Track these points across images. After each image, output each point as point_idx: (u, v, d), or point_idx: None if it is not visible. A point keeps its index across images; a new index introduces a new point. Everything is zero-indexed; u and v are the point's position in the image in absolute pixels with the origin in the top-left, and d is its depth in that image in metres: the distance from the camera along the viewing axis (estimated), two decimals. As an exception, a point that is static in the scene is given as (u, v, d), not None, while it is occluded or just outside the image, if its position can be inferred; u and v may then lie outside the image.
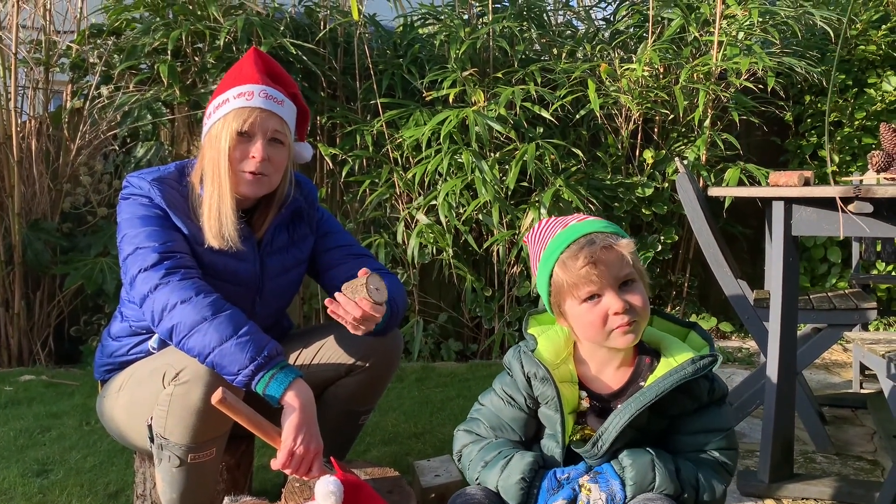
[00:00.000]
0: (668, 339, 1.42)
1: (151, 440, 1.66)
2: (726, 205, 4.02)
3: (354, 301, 1.66)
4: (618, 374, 1.42)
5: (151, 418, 1.65)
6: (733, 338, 4.49)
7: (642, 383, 1.39)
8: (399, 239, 3.93)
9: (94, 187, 4.04)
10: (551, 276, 1.37)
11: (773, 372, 2.18)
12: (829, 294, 2.72)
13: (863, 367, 3.27)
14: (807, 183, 2.21)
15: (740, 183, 3.93)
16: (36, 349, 3.85)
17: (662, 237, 4.13)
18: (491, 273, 4.09)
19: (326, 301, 1.68)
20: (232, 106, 1.68)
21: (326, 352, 1.90)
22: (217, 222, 1.70)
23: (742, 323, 4.51)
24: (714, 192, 2.38)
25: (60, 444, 2.55)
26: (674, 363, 1.35)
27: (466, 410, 2.94)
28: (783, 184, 2.23)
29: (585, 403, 1.43)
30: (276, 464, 1.52)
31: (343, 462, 1.64)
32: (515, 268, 4.00)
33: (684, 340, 1.44)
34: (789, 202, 2.13)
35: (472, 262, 4.08)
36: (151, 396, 1.64)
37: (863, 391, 3.21)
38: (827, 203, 2.08)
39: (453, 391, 3.25)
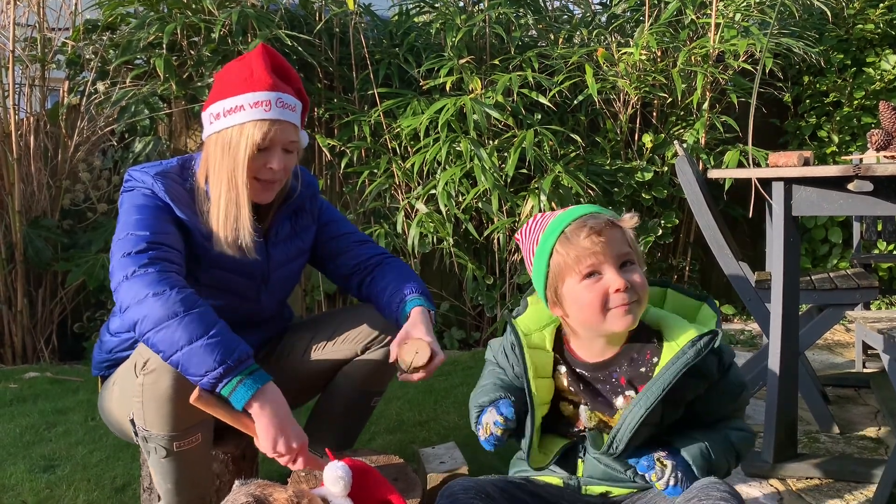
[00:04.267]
0: (670, 319, 1.40)
1: (136, 434, 1.66)
2: (726, 187, 4.01)
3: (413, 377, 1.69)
4: (608, 347, 1.41)
5: (133, 412, 1.65)
6: (735, 320, 4.49)
7: (641, 366, 1.38)
8: (399, 229, 3.93)
9: (94, 183, 4.04)
10: (551, 255, 1.36)
11: (775, 353, 2.18)
12: (831, 274, 2.72)
13: (865, 347, 3.28)
14: (806, 163, 2.21)
15: (740, 165, 3.92)
16: (40, 346, 3.86)
17: (663, 221, 4.13)
18: (492, 261, 4.09)
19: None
20: (249, 116, 1.66)
21: (342, 332, 1.91)
22: (234, 232, 1.69)
23: (744, 305, 4.53)
24: (714, 174, 2.37)
25: (66, 440, 2.56)
26: (676, 347, 1.34)
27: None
28: (783, 164, 2.23)
29: (564, 379, 1.43)
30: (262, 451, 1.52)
31: (348, 451, 1.64)
32: (516, 255, 4.00)
33: (696, 314, 1.43)
34: (789, 182, 2.12)
35: (472, 251, 4.08)
36: (131, 388, 1.63)
37: (865, 370, 3.22)
38: (827, 183, 2.08)
39: (457, 379, 3.26)
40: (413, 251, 3.86)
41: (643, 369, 1.37)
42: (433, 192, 3.84)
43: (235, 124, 1.67)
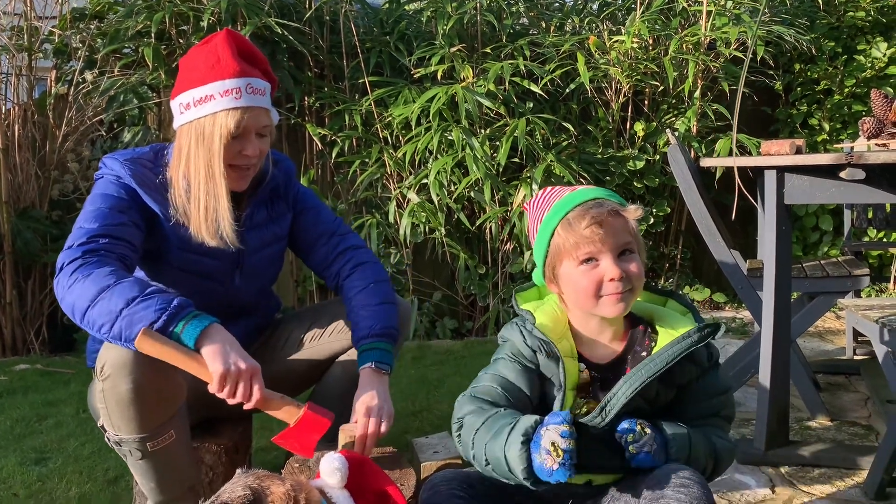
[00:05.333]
0: (659, 310, 1.43)
1: (109, 440, 1.65)
2: (717, 175, 4.02)
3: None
4: (613, 344, 1.42)
5: (101, 418, 1.63)
6: (726, 308, 4.51)
7: (641, 352, 1.39)
8: (391, 219, 3.91)
9: (83, 174, 4.00)
10: (552, 235, 1.36)
11: (767, 341, 2.19)
12: (822, 262, 2.73)
13: (856, 334, 3.29)
14: (798, 151, 2.21)
15: (731, 154, 3.92)
16: (30, 338, 3.83)
17: (654, 210, 4.13)
18: (484, 250, 4.08)
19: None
20: (220, 105, 1.64)
21: (339, 324, 1.90)
22: (214, 223, 1.68)
23: (735, 293, 4.54)
24: (706, 162, 2.37)
25: (58, 432, 2.55)
26: (674, 333, 1.36)
27: (463, 388, 2.92)
28: (775, 152, 2.23)
29: (585, 376, 1.42)
30: (212, 388, 1.51)
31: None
32: (508, 244, 4.00)
33: (665, 306, 1.46)
34: (781, 171, 2.12)
35: (464, 240, 4.07)
36: (96, 394, 1.62)
37: (856, 357, 3.24)
38: (819, 171, 2.09)
39: (450, 369, 3.26)
40: (405, 241, 3.85)
41: (644, 354, 1.40)
42: (425, 181, 3.83)
43: (207, 114, 1.66)
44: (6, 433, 2.56)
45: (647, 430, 1.30)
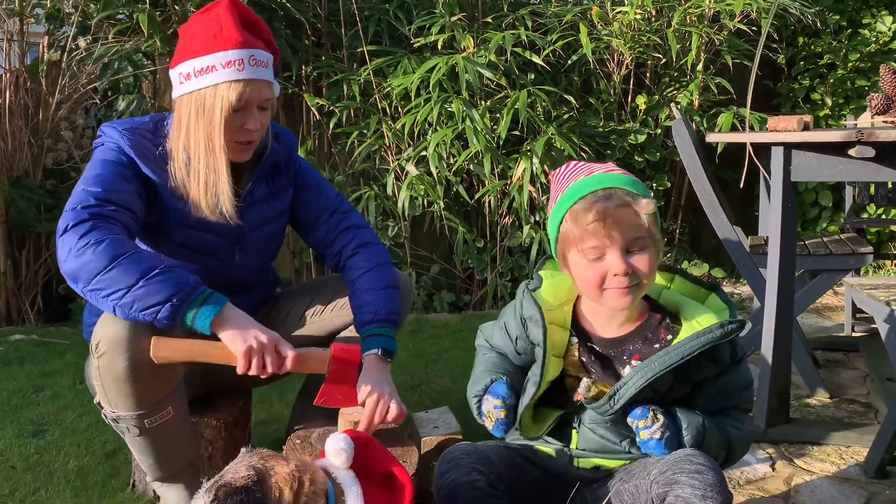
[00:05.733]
0: (687, 303, 1.40)
1: (106, 417, 1.63)
2: (719, 150, 3.98)
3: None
4: (623, 326, 1.40)
5: (97, 395, 1.62)
6: (725, 283, 4.50)
7: (654, 343, 1.37)
8: (389, 191, 3.88)
9: (77, 142, 3.94)
10: (561, 222, 1.35)
11: (770, 319, 2.18)
12: (825, 239, 2.72)
13: (854, 311, 3.29)
14: (806, 128, 2.18)
15: (733, 128, 3.89)
16: (24, 308, 3.81)
17: (654, 184, 4.10)
18: (483, 224, 4.06)
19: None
20: (222, 77, 1.60)
21: (341, 298, 1.88)
22: (214, 198, 1.65)
23: (733, 268, 4.54)
24: (711, 138, 2.34)
25: (55, 404, 2.53)
26: (697, 326, 1.33)
27: (461, 362, 2.96)
28: (782, 129, 2.20)
29: (575, 351, 1.42)
30: (240, 369, 1.50)
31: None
32: (507, 218, 3.97)
33: (704, 303, 1.42)
34: (789, 147, 2.10)
35: (463, 213, 4.04)
36: (92, 370, 1.59)
37: (854, 334, 3.24)
38: (827, 148, 2.06)
39: (448, 342, 3.25)
40: (403, 214, 3.82)
41: (657, 345, 1.37)
42: (424, 153, 3.79)
43: (208, 86, 1.61)
44: (3, 405, 2.54)
45: (660, 417, 1.29)
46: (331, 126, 4.00)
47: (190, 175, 1.65)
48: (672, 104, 2.78)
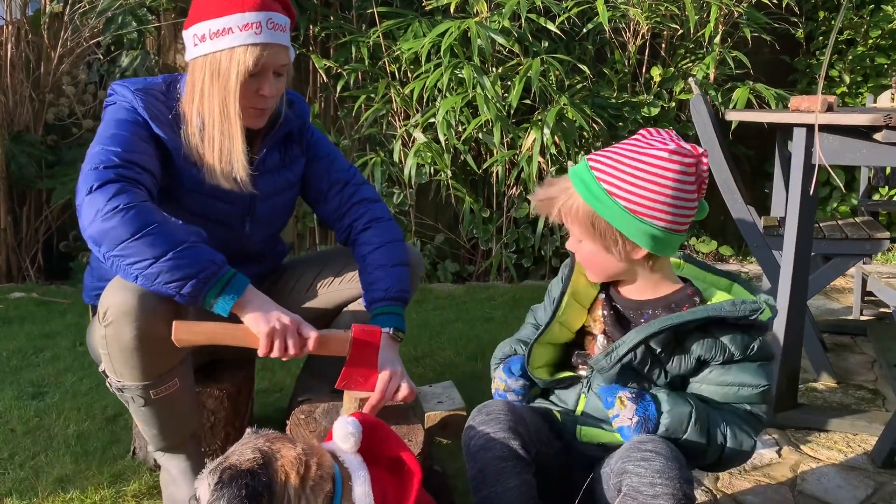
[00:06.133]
0: (721, 293, 1.38)
1: (111, 386, 1.60)
2: (733, 126, 3.91)
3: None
4: (653, 291, 1.40)
5: (103, 364, 1.58)
6: (731, 261, 4.46)
7: (673, 305, 1.37)
8: (396, 158, 3.81)
9: (79, 98, 3.87)
10: None
11: (783, 305, 2.14)
12: (840, 222, 2.67)
13: (864, 293, 3.25)
14: (830, 108, 2.11)
15: (748, 104, 3.81)
16: (25, 265, 3.77)
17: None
18: (489, 193, 4.00)
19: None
20: (239, 40, 1.53)
21: (351, 270, 1.84)
22: (228, 165, 1.60)
23: (741, 246, 4.49)
24: (732, 116, 2.28)
25: (55, 366, 2.51)
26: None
27: (465, 334, 2.94)
28: (805, 109, 2.14)
29: (599, 307, 1.45)
30: (261, 352, 1.47)
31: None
32: (515, 189, 3.92)
33: (729, 292, 1.41)
34: (812, 129, 2.04)
35: (469, 182, 3.98)
36: (98, 339, 1.56)
37: (863, 318, 3.20)
38: (851, 131, 2.00)
39: (452, 314, 3.22)
40: (409, 181, 3.76)
41: (674, 306, 1.37)
42: (432, 120, 3.72)
43: (224, 49, 1.55)
44: (2, 365, 2.52)
45: (627, 403, 1.28)
46: (338, 89, 3.92)
47: (204, 141, 1.60)
48: (690, 79, 2.70)
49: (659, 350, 1.32)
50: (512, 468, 1.31)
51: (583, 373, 1.46)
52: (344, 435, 1.16)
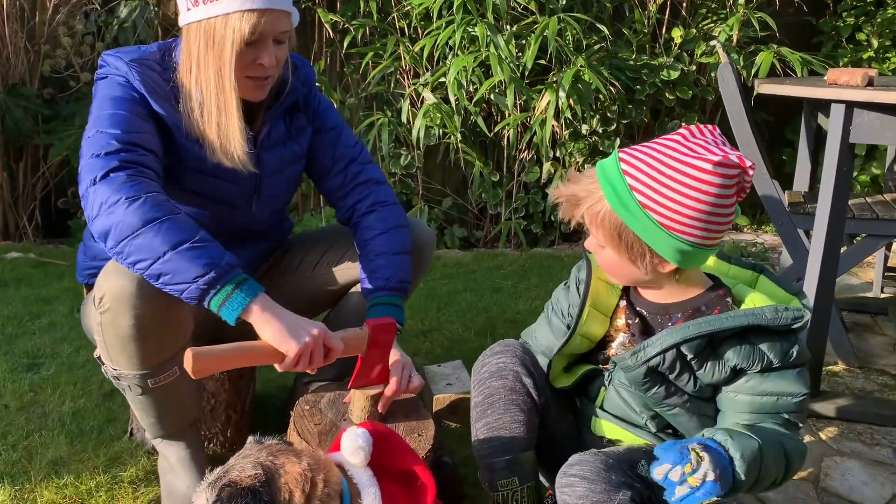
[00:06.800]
0: (756, 296, 1.27)
1: (106, 373, 1.52)
2: (755, 93, 3.75)
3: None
4: (679, 295, 1.30)
5: (98, 350, 1.50)
6: (746, 230, 4.35)
7: (703, 307, 1.28)
8: (403, 118, 3.67)
9: (76, 49, 3.72)
10: None
11: (810, 289, 2.04)
12: (869, 199, 2.55)
13: (885, 269, 3.15)
14: (870, 83, 1.99)
15: (772, 69, 3.65)
16: (22, 223, 3.67)
17: (684, 123, 3.89)
18: (499, 157, 3.87)
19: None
20: (235, 5, 1.40)
21: (355, 252, 1.74)
22: (227, 140, 1.48)
23: (755, 215, 4.37)
24: (764, 89, 2.14)
25: (51, 335, 2.43)
26: (752, 306, 1.23)
27: (474, 306, 2.85)
28: (843, 83, 2.01)
29: (622, 314, 1.36)
30: (284, 367, 1.35)
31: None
32: (526, 153, 3.79)
33: (754, 286, 1.31)
34: (851, 106, 1.91)
35: (479, 144, 3.85)
36: (93, 324, 1.47)
37: (883, 296, 3.11)
38: (893, 109, 1.87)
39: (459, 283, 3.13)
40: (417, 143, 3.64)
41: (704, 309, 1.28)
42: (442, 80, 3.57)
43: (219, 14, 1.41)
44: (-3, 332, 2.44)
45: (704, 455, 1.08)
46: (345, 45, 3.76)
47: (204, 115, 1.48)
48: (717, 43, 2.56)
49: (691, 356, 1.22)
50: (522, 402, 1.30)
51: (605, 367, 1.38)
52: (353, 449, 1.07)
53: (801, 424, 1.26)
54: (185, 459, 1.60)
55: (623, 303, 1.37)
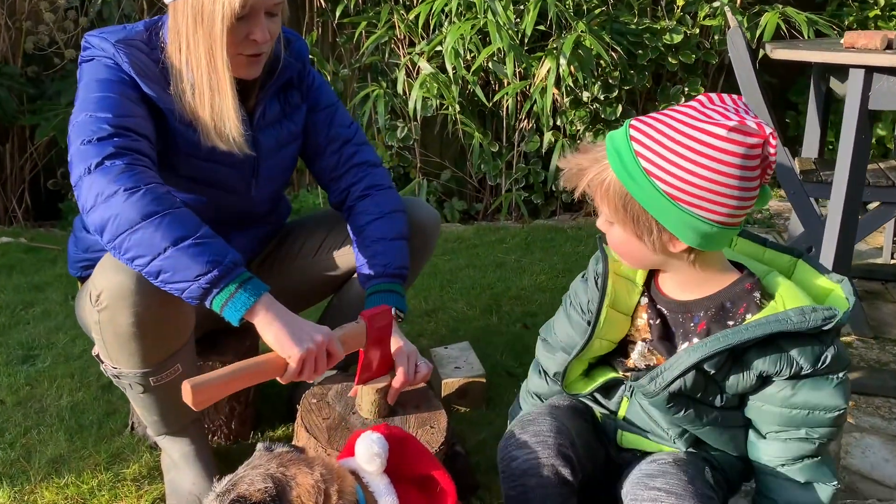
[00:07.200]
0: (790, 288, 1.15)
1: (105, 371, 1.46)
2: (759, 56, 3.65)
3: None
4: (703, 288, 1.19)
5: (96, 348, 1.44)
6: (749, 195, 4.28)
7: (727, 304, 1.16)
8: (399, 89, 3.57)
9: (59, 25, 3.59)
10: None
11: (827, 259, 1.99)
12: (882, 165, 2.48)
13: (895, 235, 3.09)
14: (889, 46, 1.91)
15: (777, 31, 3.55)
16: (11, 207, 3.59)
17: (686, 88, 3.80)
18: (498, 127, 3.78)
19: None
20: None
21: None
22: (221, 121, 1.40)
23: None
24: (778, 55, 2.06)
25: (45, 324, 2.36)
26: (778, 308, 1.11)
27: (478, 283, 2.79)
28: (861, 46, 1.93)
29: (643, 313, 1.25)
30: (288, 378, 1.29)
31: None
32: (525, 122, 3.70)
33: (825, 299, 1.16)
34: (870, 71, 1.83)
35: (477, 114, 3.75)
36: (90, 321, 1.41)
37: (894, 261, 3.05)
38: (915, 72, 1.80)
39: (462, 259, 3.06)
40: (414, 115, 3.54)
41: (731, 322, 1.15)
42: (439, 48, 3.46)
43: None
44: (-10, 323, 2.38)
45: None
46: (337, 14, 3.65)
47: (196, 96, 1.40)
48: (726, 8, 2.46)
49: (713, 371, 1.13)
50: (558, 494, 1.17)
51: (628, 374, 1.28)
52: (369, 456, 1.02)
53: (828, 440, 1.15)
54: (189, 456, 1.54)
55: (644, 300, 1.27)
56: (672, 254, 1.15)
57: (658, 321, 1.24)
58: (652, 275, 1.27)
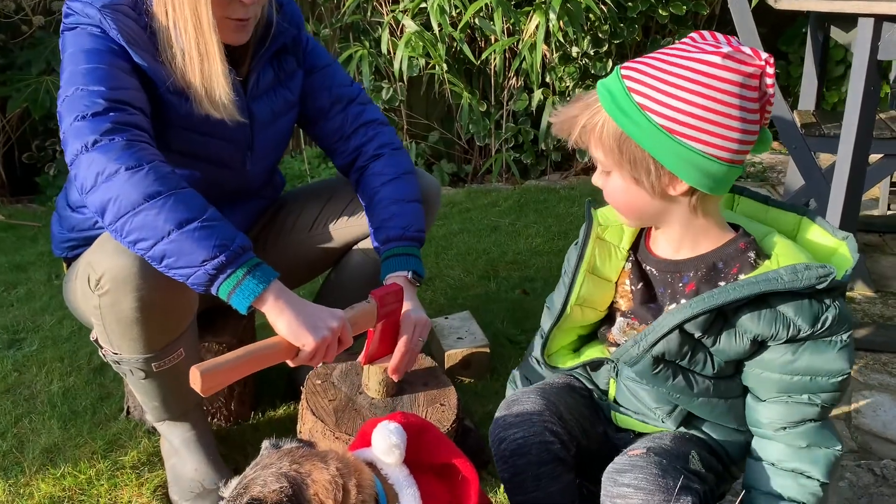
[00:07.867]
0: (788, 247, 1.09)
1: (104, 356, 1.39)
2: (753, 4, 3.57)
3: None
4: (695, 246, 1.13)
5: (95, 333, 1.37)
6: (740, 148, 4.24)
7: (720, 264, 1.10)
8: (384, 49, 3.46)
9: (25, -11, 3.43)
10: None
11: (834, 215, 1.94)
12: (883, 116, 2.43)
13: (890, 185, 3.06)
14: (898, -8, 1.84)
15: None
16: (-14, 182, 3.47)
17: (677, 41, 3.71)
18: (486, 85, 3.69)
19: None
20: None
21: (358, 207, 1.61)
22: (211, 86, 1.32)
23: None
24: (784, 4, 1.99)
25: (30, 306, 2.28)
26: (772, 268, 1.05)
27: (473, 248, 2.73)
28: (869, -7, 1.86)
29: (626, 278, 1.20)
30: (297, 361, 1.24)
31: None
32: (514, 80, 3.60)
33: (830, 258, 1.10)
34: (880, 20, 1.77)
35: (464, 72, 3.65)
36: (88, 305, 1.34)
37: (890, 212, 3.03)
38: (926, 20, 1.74)
39: (455, 224, 3.00)
40: (399, 75, 3.44)
41: (722, 283, 1.09)
42: (423, 5, 3.35)
43: None
44: (-29, 307, 2.29)
45: None
46: (316, -28, 3.51)
47: (186, 62, 1.31)
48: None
49: (699, 334, 1.07)
50: (551, 472, 1.14)
51: (612, 349, 1.22)
52: (387, 447, 0.96)
53: (829, 407, 1.09)
54: (190, 441, 1.49)
55: (629, 265, 1.21)
56: (672, 199, 1.08)
57: (640, 285, 1.19)
58: (641, 239, 1.21)
